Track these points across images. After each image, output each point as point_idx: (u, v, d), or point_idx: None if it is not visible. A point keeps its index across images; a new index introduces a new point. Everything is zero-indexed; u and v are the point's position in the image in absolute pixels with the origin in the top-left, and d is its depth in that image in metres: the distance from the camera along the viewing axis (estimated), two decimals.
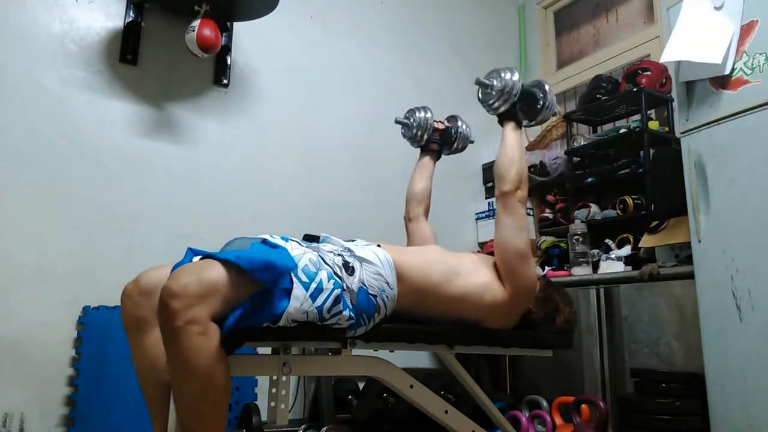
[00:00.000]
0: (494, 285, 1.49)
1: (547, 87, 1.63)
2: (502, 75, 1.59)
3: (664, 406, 2.00)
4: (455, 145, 1.99)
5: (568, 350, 1.78)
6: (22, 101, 2.26)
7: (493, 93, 1.60)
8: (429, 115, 1.94)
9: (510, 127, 1.60)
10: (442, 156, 2.01)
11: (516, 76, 1.58)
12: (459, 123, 1.98)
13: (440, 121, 1.97)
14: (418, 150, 2.02)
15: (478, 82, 1.60)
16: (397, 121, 1.97)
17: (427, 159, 1.97)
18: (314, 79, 3.01)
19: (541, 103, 1.61)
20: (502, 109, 1.61)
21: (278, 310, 1.16)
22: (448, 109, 3.41)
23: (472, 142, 2.00)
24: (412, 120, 1.95)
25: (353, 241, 1.48)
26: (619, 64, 3.29)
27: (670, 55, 2.08)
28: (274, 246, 1.23)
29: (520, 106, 1.60)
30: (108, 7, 2.49)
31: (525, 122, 1.63)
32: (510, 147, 1.55)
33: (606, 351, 2.44)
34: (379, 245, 1.45)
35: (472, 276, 1.49)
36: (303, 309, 1.18)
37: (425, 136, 1.95)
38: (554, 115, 1.68)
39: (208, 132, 2.66)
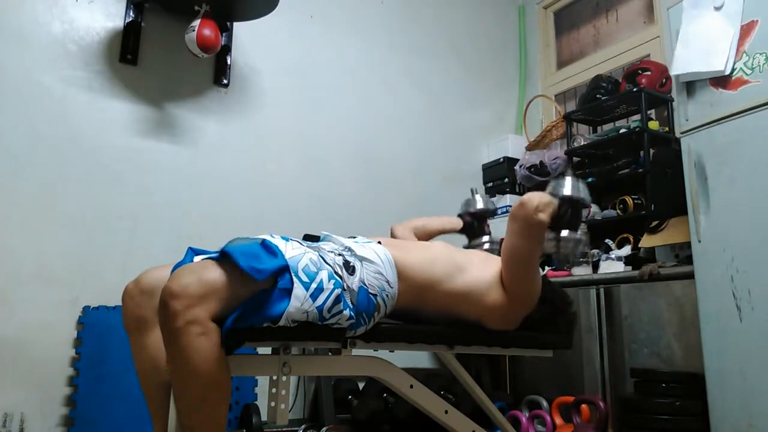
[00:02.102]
0: (498, 285, 1.48)
1: (587, 238, 1.59)
2: (586, 189, 1.49)
3: (664, 406, 2.00)
4: (472, 243, 2.02)
5: (568, 350, 1.78)
6: (22, 101, 2.26)
7: (572, 183, 1.47)
8: (481, 206, 2.00)
9: (555, 202, 1.45)
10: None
11: (587, 198, 1.47)
12: (488, 240, 2.00)
13: (488, 224, 2.04)
14: (416, 149, 2.03)
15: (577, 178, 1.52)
16: (471, 188, 2.08)
17: (457, 220, 2.02)
18: (314, 79, 3.01)
19: (576, 229, 1.47)
20: (559, 193, 1.45)
21: (278, 310, 1.15)
22: (448, 108, 3.45)
23: (486, 247, 2.04)
24: (476, 195, 2.03)
25: (354, 238, 1.47)
26: (619, 64, 3.29)
27: (678, 67, 2.09)
28: (269, 246, 1.22)
29: (567, 206, 1.44)
30: (108, 7, 2.49)
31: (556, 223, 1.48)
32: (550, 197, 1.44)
33: (606, 351, 2.44)
34: (379, 242, 1.44)
35: (478, 273, 1.48)
36: (303, 309, 1.18)
37: (470, 211, 2.01)
38: (573, 255, 1.60)
39: (208, 132, 2.66)
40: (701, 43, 2.05)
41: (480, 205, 1.99)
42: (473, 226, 2.00)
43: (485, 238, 2.00)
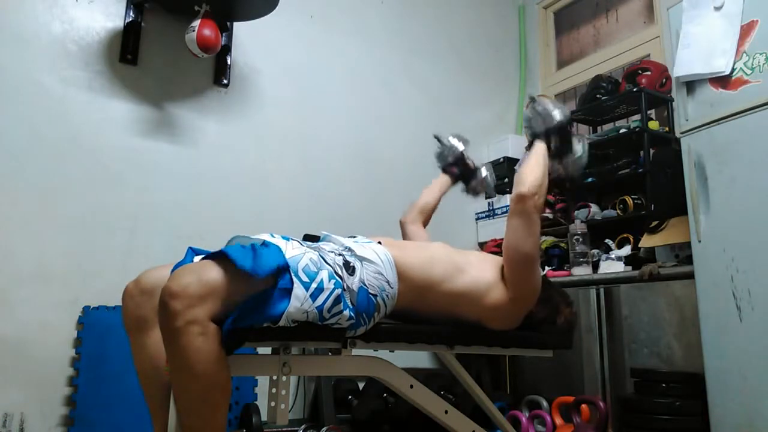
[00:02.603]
0: (498, 285, 1.49)
1: (586, 145, 1.66)
2: (552, 104, 1.63)
3: (664, 406, 2.00)
4: (472, 184, 2.05)
5: (568, 350, 1.78)
6: (23, 101, 2.26)
7: (537, 111, 1.62)
8: (463, 147, 2.02)
9: (540, 145, 1.59)
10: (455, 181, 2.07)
11: (562, 114, 1.61)
12: (485, 173, 2.03)
13: (471, 159, 2.04)
14: (416, 149, 2.07)
15: (530, 98, 1.65)
16: (434, 136, 2.04)
17: (445, 178, 2.04)
18: (314, 79, 3.01)
19: (573, 150, 1.63)
20: (536, 130, 1.62)
21: (278, 310, 1.15)
22: (448, 108, 3.45)
23: (490, 195, 2.06)
24: (447, 141, 2.02)
25: (354, 237, 1.47)
26: (619, 64, 3.29)
27: (681, 69, 2.09)
28: (268, 246, 1.22)
29: (554, 137, 1.60)
30: (108, 7, 2.49)
31: (551, 155, 1.61)
32: (536, 159, 1.54)
33: (606, 351, 2.44)
34: (379, 242, 1.44)
35: (477, 273, 1.49)
36: (303, 309, 1.18)
37: (450, 160, 2.02)
38: (579, 173, 1.70)
39: (208, 132, 2.66)
40: (702, 43, 2.05)
41: (458, 148, 2.00)
42: (463, 171, 2.02)
43: (483, 171, 2.03)
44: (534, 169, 1.50)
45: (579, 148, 1.65)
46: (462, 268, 1.48)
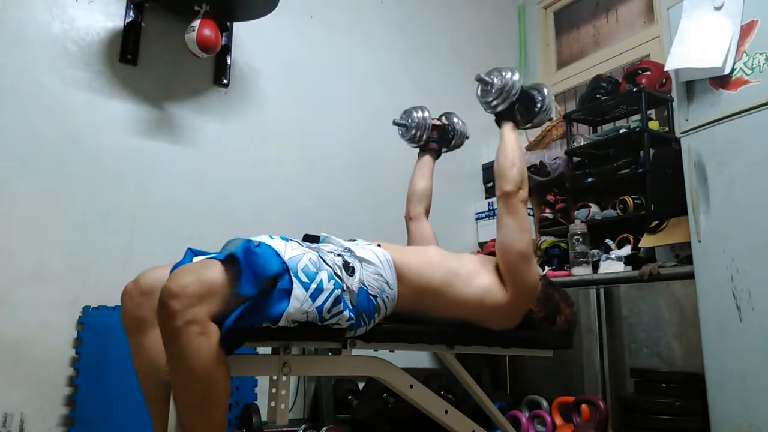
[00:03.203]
0: (495, 287, 1.49)
1: (546, 90, 1.65)
2: (503, 74, 1.60)
3: (664, 406, 2.00)
4: (453, 141, 2.00)
5: (568, 350, 1.78)
6: (23, 101, 2.26)
7: (493, 91, 1.61)
8: (426, 114, 1.95)
9: (508, 127, 1.60)
10: (442, 155, 2.01)
11: (517, 77, 1.59)
12: (455, 120, 1.99)
13: (437, 119, 1.98)
14: (416, 149, 2.03)
15: (479, 79, 1.61)
16: (395, 123, 1.98)
17: (427, 158, 1.98)
18: (314, 79, 3.01)
19: (539, 105, 1.63)
20: (500, 108, 1.62)
21: (278, 310, 1.15)
22: (448, 108, 3.43)
23: (467, 137, 2.01)
24: (409, 121, 1.97)
25: (353, 240, 1.48)
26: (619, 64, 3.29)
27: (674, 62, 2.09)
28: (264, 249, 1.22)
29: (518, 107, 1.60)
30: (108, 7, 2.49)
31: (521, 124, 1.63)
32: (510, 147, 1.55)
33: (606, 351, 2.44)
34: (379, 245, 1.45)
35: (473, 278, 1.49)
36: (303, 309, 1.18)
37: (424, 136, 1.96)
38: (550, 119, 1.71)
39: (208, 132, 2.66)
40: (700, 41, 2.05)
41: (423, 118, 1.94)
42: (439, 136, 1.97)
43: (454, 122, 1.98)
44: (513, 159, 1.51)
45: (541, 97, 1.64)
46: (458, 272, 1.48)
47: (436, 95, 3.42)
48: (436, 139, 1.96)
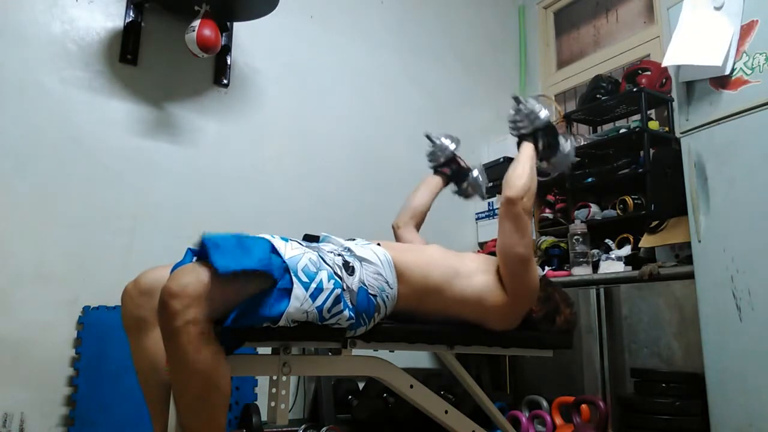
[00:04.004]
0: (496, 287, 1.49)
1: (571, 141, 1.68)
2: (535, 102, 1.64)
3: (664, 406, 2.00)
4: (464, 186, 2.02)
5: (568, 350, 1.78)
6: (22, 101, 2.26)
7: (522, 111, 1.63)
8: (453, 146, 2.00)
9: (527, 147, 1.61)
10: (449, 186, 2.06)
11: (546, 112, 1.63)
12: (477, 174, 2.01)
13: (463, 160, 2.03)
14: (416, 149, 2.06)
15: (514, 97, 1.65)
16: (426, 135, 2.02)
17: (437, 178, 2.02)
18: (314, 79, 3.01)
19: (561, 149, 1.65)
20: (523, 131, 1.64)
21: (278, 310, 1.15)
22: (448, 108, 3.45)
23: (483, 197, 2.05)
24: (438, 140, 2.01)
25: (353, 240, 1.48)
26: (619, 64, 3.29)
27: (671, 58, 2.09)
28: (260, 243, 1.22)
29: (541, 136, 1.62)
30: (108, 7, 2.49)
31: (540, 155, 1.63)
32: (523, 163, 1.55)
33: (606, 351, 2.44)
34: (379, 244, 1.45)
35: (474, 277, 1.49)
36: (303, 309, 1.18)
37: (441, 160, 2.00)
38: (569, 167, 1.73)
39: (208, 132, 2.66)
40: (700, 40, 2.05)
41: (449, 147, 1.98)
42: (455, 171, 1.99)
43: (474, 173, 2.01)
44: (522, 171, 1.51)
45: (567, 145, 1.67)
46: (459, 271, 1.49)
47: (436, 95, 3.43)
48: (451, 171, 2.00)
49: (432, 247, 1.58)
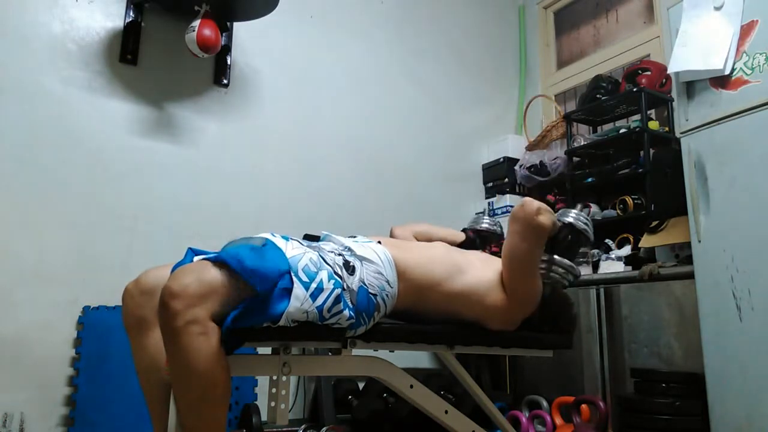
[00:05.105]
0: (498, 287, 1.48)
1: (579, 272, 1.57)
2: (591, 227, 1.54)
3: (664, 406, 2.00)
4: (479, 244, 1.96)
5: (568, 350, 1.78)
6: (22, 101, 2.26)
7: (580, 218, 1.52)
8: (487, 226, 1.92)
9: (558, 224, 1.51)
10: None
11: (591, 233, 1.52)
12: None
13: (487, 244, 1.96)
14: (416, 149, 2.01)
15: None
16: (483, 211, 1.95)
17: (460, 235, 1.92)
18: (314, 79, 3.01)
19: (571, 257, 1.54)
20: (564, 219, 1.51)
21: (278, 310, 1.15)
22: (448, 108, 3.45)
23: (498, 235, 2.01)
24: (486, 220, 1.95)
25: (354, 237, 1.47)
26: (619, 64, 3.29)
27: (676, 65, 2.09)
28: (271, 248, 1.22)
29: (570, 233, 1.50)
30: (108, 7, 2.49)
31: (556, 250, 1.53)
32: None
33: (606, 351, 2.44)
34: (379, 242, 1.45)
35: (478, 274, 1.49)
36: (303, 309, 1.18)
37: (480, 227, 1.93)
38: (565, 282, 1.57)
39: (207, 132, 2.66)
40: (700, 42, 2.05)
41: (486, 224, 1.93)
42: (475, 243, 1.94)
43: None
44: (547, 207, 1.46)
45: (575, 267, 1.55)
46: (462, 268, 1.48)
47: (436, 95, 3.43)
48: (474, 237, 1.92)
49: (437, 245, 1.58)
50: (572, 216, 1.51)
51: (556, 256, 1.49)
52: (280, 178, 2.81)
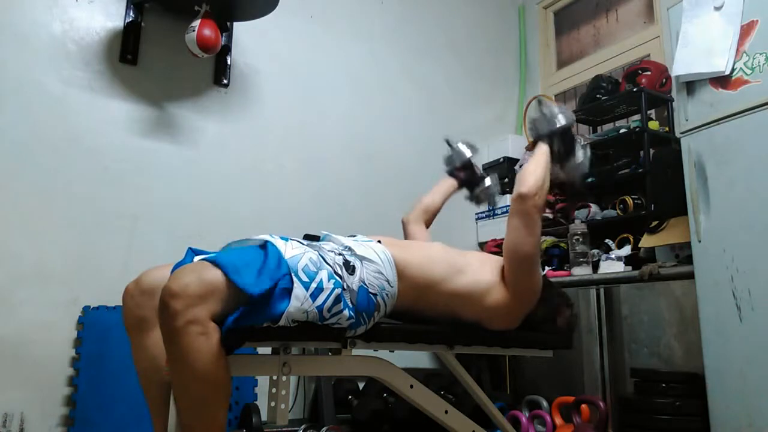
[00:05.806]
0: (498, 286, 1.49)
1: (589, 151, 1.67)
2: (557, 108, 1.64)
3: (664, 406, 2.00)
4: (476, 192, 2.03)
5: (568, 350, 1.78)
6: (23, 101, 2.26)
7: (543, 114, 1.63)
8: (471, 154, 2.00)
9: (542, 148, 1.60)
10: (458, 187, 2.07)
11: (566, 119, 1.62)
12: (489, 183, 2.02)
13: (478, 167, 2.03)
14: (416, 149, 2.04)
15: (538, 100, 1.68)
16: (445, 139, 2.03)
17: (450, 181, 2.03)
18: (314, 79, 3.01)
19: (576, 155, 1.64)
20: (541, 132, 1.63)
21: (278, 310, 1.15)
22: (448, 108, 3.45)
23: (494, 205, 2.07)
24: (456, 146, 2.01)
25: (354, 237, 1.47)
26: (619, 64, 3.29)
27: (679, 68, 2.09)
28: (270, 251, 1.21)
29: (558, 140, 1.61)
30: (108, 7, 2.49)
31: (555, 158, 1.62)
32: (538, 160, 1.54)
33: (606, 351, 2.44)
34: (379, 241, 1.45)
35: (476, 274, 1.49)
36: (303, 308, 1.18)
37: (457, 165, 2.01)
38: (581, 178, 1.71)
39: (208, 132, 2.66)
40: (702, 43, 2.05)
41: (465, 154, 1.99)
42: (469, 177, 2.01)
43: (487, 182, 2.03)
44: (536, 169, 1.50)
45: (581, 154, 1.65)
46: (461, 268, 1.48)
47: (436, 95, 3.43)
48: (463, 177, 2.02)
49: (435, 245, 1.58)
50: (547, 123, 1.60)
51: (566, 164, 1.62)
52: (280, 178, 2.81)
